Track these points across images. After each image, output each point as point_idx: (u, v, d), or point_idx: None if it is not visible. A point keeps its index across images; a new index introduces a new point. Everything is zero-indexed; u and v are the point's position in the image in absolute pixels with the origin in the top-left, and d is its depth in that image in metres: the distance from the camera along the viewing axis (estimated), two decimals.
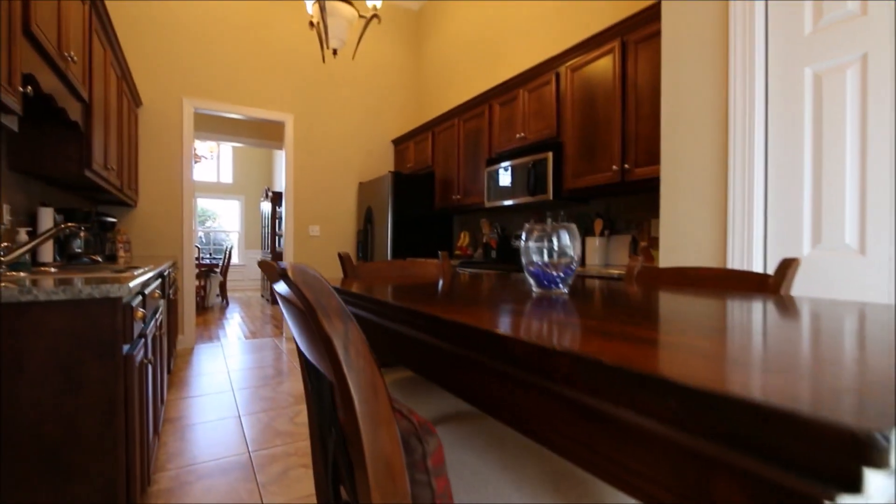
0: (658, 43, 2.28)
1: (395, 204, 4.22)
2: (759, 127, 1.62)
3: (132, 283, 1.27)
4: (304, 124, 4.67)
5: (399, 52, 5.27)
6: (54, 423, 1.15)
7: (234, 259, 9.26)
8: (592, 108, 2.70)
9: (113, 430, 1.22)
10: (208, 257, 8.67)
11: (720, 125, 1.73)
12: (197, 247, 7.40)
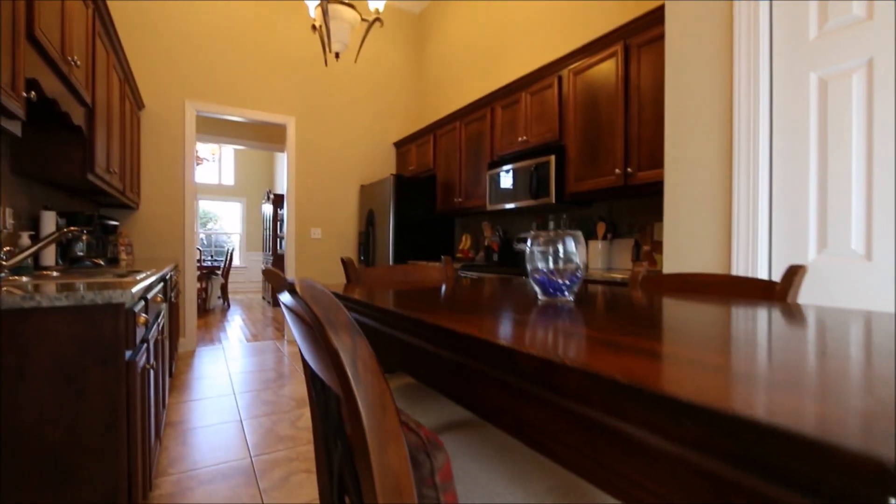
0: (661, 47, 2.28)
1: (396, 206, 4.22)
2: (763, 131, 1.62)
3: (135, 289, 1.27)
4: (305, 127, 4.67)
5: (401, 54, 5.27)
6: (56, 428, 1.15)
7: (236, 261, 9.26)
8: (595, 112, 2.69)
9: (115, 436, 1.21)
10: (210, 259, 8.66)
11: (724, 129, 1.73)
12: (198, 249, 7.40)
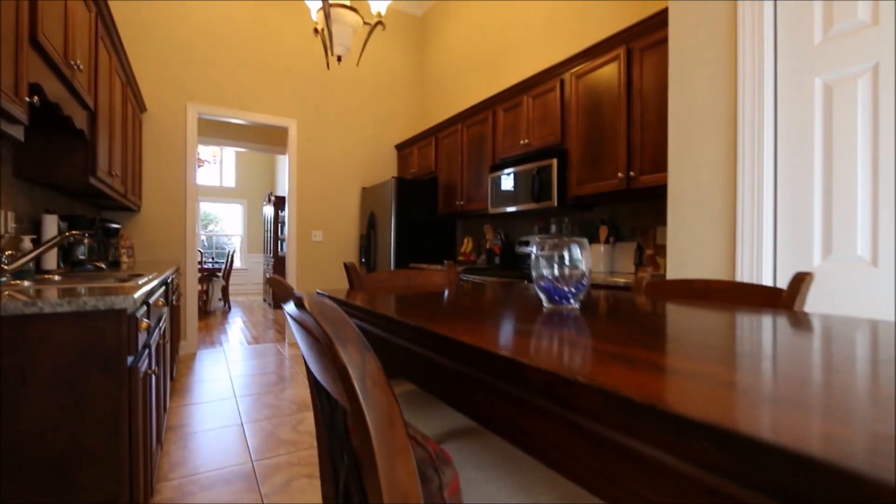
0: (664, 51, 2.27)
1: (398, 209, 4.21)
2: (767, 135, 1.61)
3: (137, 294, 1.26)
4: (307, 129, 4.67)
5: (403, 57, 5.28)
6: (58, 434, 1.14)
7: (237, 263, 9.26)
8: (597, 115, 2.69)
9: (116, 442, 1.21)
10: (211, 261, 8.66)
11: (728, 133, 1.72)
12: (199, 251, 7.40)
